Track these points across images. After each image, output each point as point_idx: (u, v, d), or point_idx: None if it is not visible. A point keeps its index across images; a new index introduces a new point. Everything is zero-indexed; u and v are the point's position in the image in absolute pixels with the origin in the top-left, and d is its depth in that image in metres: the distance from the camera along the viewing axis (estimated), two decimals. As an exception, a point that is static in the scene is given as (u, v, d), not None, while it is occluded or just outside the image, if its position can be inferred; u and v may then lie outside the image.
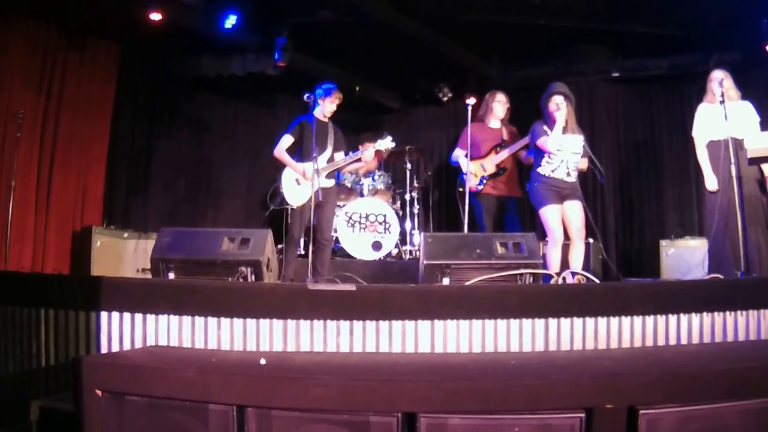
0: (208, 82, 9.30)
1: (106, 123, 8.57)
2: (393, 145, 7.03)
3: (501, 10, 7.90)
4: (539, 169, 6.14)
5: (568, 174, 6.08)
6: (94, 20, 7.95)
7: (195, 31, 8.07)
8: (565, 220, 6.10)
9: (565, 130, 6.10)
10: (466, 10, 7.96)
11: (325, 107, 6.59)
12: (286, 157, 6.57)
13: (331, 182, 6.55)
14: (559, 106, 6.08)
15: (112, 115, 8.64)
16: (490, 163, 6.97)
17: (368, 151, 6.83)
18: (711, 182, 5.90)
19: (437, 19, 8.18)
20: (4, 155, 7.15)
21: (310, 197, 6.24)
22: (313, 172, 6.07)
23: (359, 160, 6.87)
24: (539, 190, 6.12)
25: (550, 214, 6.04)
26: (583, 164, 6.27)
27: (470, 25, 8.18)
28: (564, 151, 6.05)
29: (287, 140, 6.59)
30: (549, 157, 6.09)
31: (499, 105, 7.11)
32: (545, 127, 6.15)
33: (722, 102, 5.62)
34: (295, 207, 6.54)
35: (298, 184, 6.51)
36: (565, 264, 6.06)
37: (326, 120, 6.66)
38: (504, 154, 6.97)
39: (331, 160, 6.58)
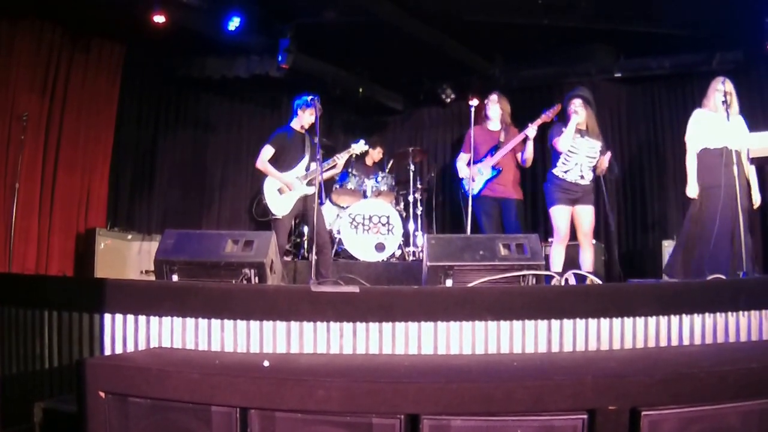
0: (212, 84, 9.32)
1: (111, 124, 8.59)
2: (366, 148, 7.19)
3: (504, 11, 7.91)
4: (554, 170, 6.36)
5: (582, 177, 6.29)
6: (99, 22, 7.98)
7: (199, 33, 8.08)
8: (575, 222, 6.24)
9: (583, 134, 6.34)
10: (469, 11, 7.97)
11: (303, 119, 6.69)
12: (270, 169, 6.65)
13: (312, 189, 6.56)
14: (576, 109, 6.28)
15: (116, 117, 8.67)
16: (487, 167, 6.98)
17: (341, 158, 6.97)
18: (693, 190, 5.98)
19: (441, 20, 8.19)
20: (9, 157, 7.17)
21: (294, 205, 6.55)
22: (318, 180, 6.14)
23: (335, 166, 7.03)
24: (551, 191, 6.37)
25: (558, 214, 6.27)
26: (602, 163, 6.38)
27: (474, 26, 8.19)
28: (579, 153, 6.26)
29: (269, 151, 6.68)
30: (564, 158, 6.28)
31: (490, 104, 7.18)
32: (563, 128, 6.32)
33: (724, 102, 5.64)
34: (279, 217, 6.59)
35: (281, 194, 6.56)
36: (573, 266, 6.14)
37: (303, 131, 6.75)
38: (499, 155, 6.98)
39: (307, 168, 6.68)
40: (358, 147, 7.12)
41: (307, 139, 6.74)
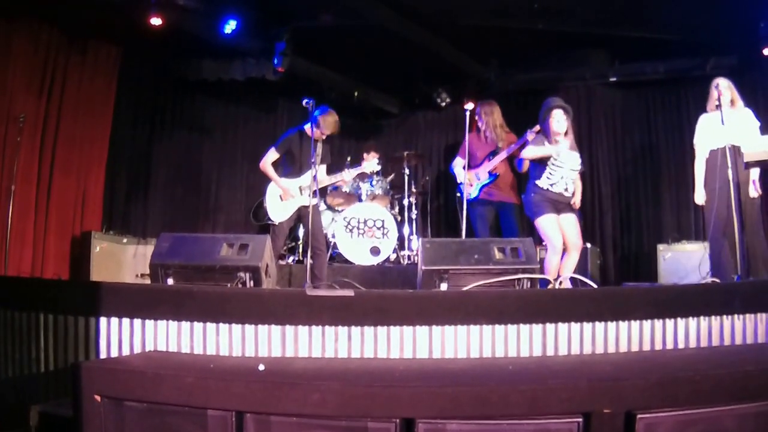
0: (208, 86, 9.31)
1: (107, 126, 8.59)
2: (379, 167, 7.10)
3: (500, 15, 7.91)
4: (538, 182, 6.14)
5: (566, 189, 6.14)
6: (96, 23, 7.99)
7: (195, 36, 8.08)
8: (561, 232, 6.14)
9: (567, 145, 6.17)
10: (465, 15, 7.97)
11: (323, 126, 6.56)
12: (270, 172, 6.63)
13: (314, 201, 6.40)
14: (559, 120, 6.12)
15: (112, 119, 8.66)
16: (484, 172, 7.00)
17: (350, 174, 6.94)
18: (699, 196, 5.94)
19: (437, 24, 8.19)
20: (5, 158, 7.15)
21: (293, 213, 6.52)
22: (312, 181, 6.10)
23: (342, 181, 7.09)
24: (536, 201, 6.14)
25: (549, 224, 6.05)
26: (577, 200, 6.34)
27: (469, 30, 8.20)
28: (564, 167, 6.09)
29: (273, 155, 6.66)
30: (550, 171, 6.10)
31: (478, 117, 7.28)
32: (546, 142, 6.17)
33: (719, 106, 5.64)
34: (277, 223, 6.57)
35: (282, 200, 6.54)
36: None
37: (318, 138, 6.61)
38: (496, 161, 7.01)
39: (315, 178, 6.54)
40: (370, 166, 7.06)
41: (318, 147, 6.61)
